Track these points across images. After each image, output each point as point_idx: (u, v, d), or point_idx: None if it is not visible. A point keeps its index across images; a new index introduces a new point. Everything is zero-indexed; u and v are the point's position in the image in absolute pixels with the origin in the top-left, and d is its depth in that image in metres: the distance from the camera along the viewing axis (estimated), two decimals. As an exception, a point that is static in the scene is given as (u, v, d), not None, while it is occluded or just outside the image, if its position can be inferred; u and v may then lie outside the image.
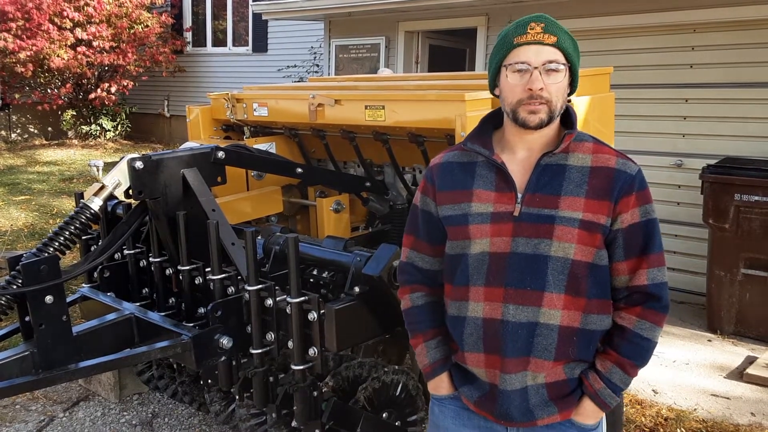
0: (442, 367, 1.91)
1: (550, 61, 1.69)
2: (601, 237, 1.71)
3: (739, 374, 4.25)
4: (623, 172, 1.72)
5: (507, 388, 1.75)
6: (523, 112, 1.71)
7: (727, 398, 3.97)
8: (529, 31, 1.70)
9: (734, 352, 4.59)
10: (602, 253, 1.73)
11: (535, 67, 1.69)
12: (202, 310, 2.91)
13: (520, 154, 1.79)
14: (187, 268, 2.88)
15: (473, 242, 1.76)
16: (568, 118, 1.81)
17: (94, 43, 12.75)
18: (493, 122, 1.88)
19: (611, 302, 1.78)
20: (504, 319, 1.72)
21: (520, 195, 1.74)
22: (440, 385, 1.92)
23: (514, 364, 1.72)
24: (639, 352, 1.75)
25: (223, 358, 2.64)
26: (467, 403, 1.87)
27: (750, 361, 4.41)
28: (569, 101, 1.83)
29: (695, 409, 3.82)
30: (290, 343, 2.56)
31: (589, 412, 1.78)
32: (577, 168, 1.73)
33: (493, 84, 1.83)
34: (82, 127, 14.14)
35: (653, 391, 4.05)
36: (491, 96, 3.28)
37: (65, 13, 12.42)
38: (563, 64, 1.71)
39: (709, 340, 4.80)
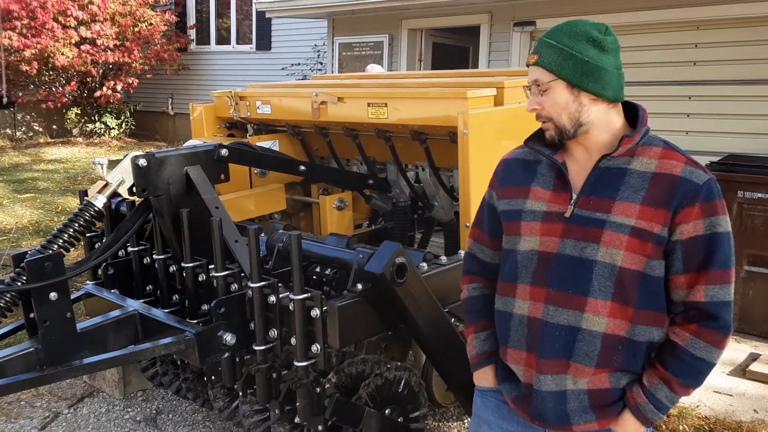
0: (488, 360, 1.92)
1: (534, 81, 1.73)
2: (652, 246, 1.64)
3: (742, 371, 4.24)
4: (688, 180, 1.64)
5: (541, 388, 1.73)
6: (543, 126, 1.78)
7: (730, 395, 3.97)
8: (531, 51, 1.78)
9: (737, 349, 4.58)
10: (654, 262, 1.66)
11: (530, 88, 1.75)
12: (205, 306, 2.92)
13: (579, 156, 1.77)
14: (191, 265, 2.90)
15: (523, 239, 1.76)
16: (637, 118, 1.76)
17: (99, 42, 12.79)
18: None
19: (665, 315, 1.72)
20: (544, 319, 1.71)
21: (575, 196, 1.72)
22: (484, 377, 1.94)
23: (549, 366, 1.71)
24: (689, 371, 1.69)
25: (226, 355, 2.66)
26: (507, 400, 1.88)
27: (753, 358, 4.41)
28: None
29: (698, 406, 3.82)
30: (293, 340, 2.57)
31: (629, 427, 1.73)
32: (639, 173, 1.67)
33: None
34: (87, 125, 14.18)
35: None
36: (494, 93, 3.33)
37: (69, 12, 12.46)
38: (550, 81, 1.70)
39: (712, 338, 4.80)
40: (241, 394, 2.95)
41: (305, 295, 2.52)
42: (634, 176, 1.68)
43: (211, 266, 2.81)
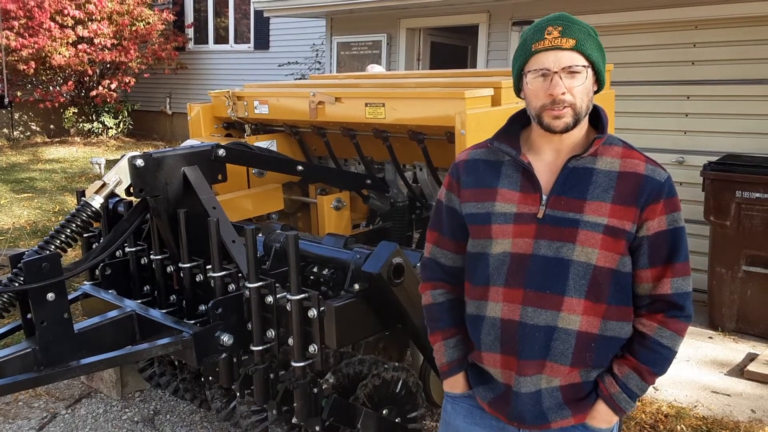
0: (459, 367, 1.90)
1: (570, 66, 1.66)
2: (625, 243, 1.69)
3: (740, 371, 4.25)
4: (652, 178, 1.69)
5: (521, 390, 1.73)
6: (547, 117, 1.68)
7: (728, 395, 3.97)
8: (546, 36, 1.67)
9: (735, 349, 4.59)
10: (626, 259, 1.71)
11: (555, 72, 1.66)
12: (202, 307, 2.92)
13: (547, 156, 1.76)
14: (188, 265, 2.89)
15: (495, 242, 1.74)
16: (598, 119, 1.77)
17: (96, 41, 12.77)
18: (521, 121, 1.84)
19: (632, 309, 1.76)
20: (522, 321, 1.70)
21: (545, 197, 1.72)
22: (455, 384, 1.92)
23: (529, 367, 1.71)
24: (658, 360, 1.73)
25: (223, 355, 2.66)
26: (481, 403, 1.86)
27: (751, 358, 4.41)
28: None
29: (695, 406, 3.83)
30: (290, 340, 2.57)
31: (602, 416, 1.77)
32: (605, 172, 1.70)
33: (518, 88, 1.80)
34: (84, 124, 14.16)
35: (653, 387, 4.06)
36: (491, 93, 3.33)
37: (66, 11, 12.44)
38: (584, 66, 1.67)
39: (710, 337, 4.80)
40: (238, 394, 2.95)
41: (302, 296, 2.52)
42: (601, 175, 1.70)
43: (209, 266, 2.81)
